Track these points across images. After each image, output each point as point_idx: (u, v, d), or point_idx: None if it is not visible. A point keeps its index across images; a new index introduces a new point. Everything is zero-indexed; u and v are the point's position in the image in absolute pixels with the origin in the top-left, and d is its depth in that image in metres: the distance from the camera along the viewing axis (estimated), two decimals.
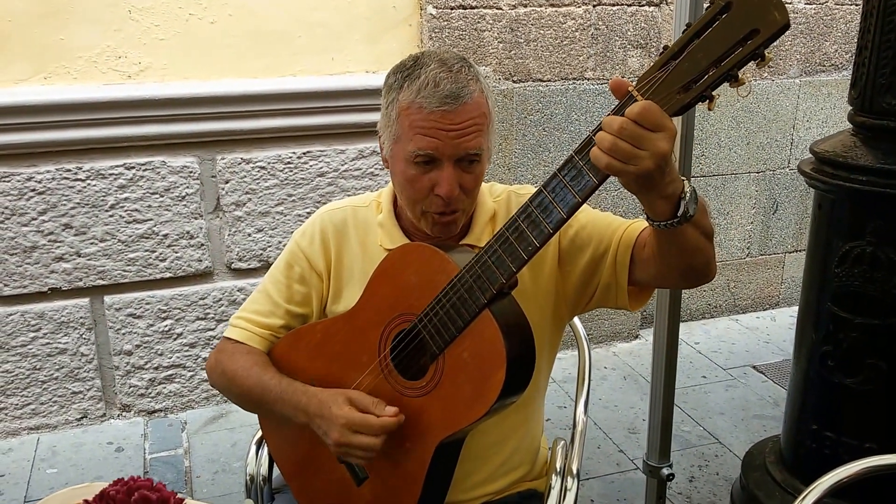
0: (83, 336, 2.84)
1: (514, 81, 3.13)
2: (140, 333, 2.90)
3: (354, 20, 2.88)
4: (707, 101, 0.97)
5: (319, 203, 2.94)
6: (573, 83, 3.21)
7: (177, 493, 1.03)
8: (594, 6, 3.14)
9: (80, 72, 2.65)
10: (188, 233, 2.86)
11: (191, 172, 2.80)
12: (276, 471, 1.54)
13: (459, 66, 1.24)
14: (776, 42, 0.92)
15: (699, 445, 2.82)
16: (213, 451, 2.78)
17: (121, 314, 2.86)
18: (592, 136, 1.00)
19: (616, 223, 1.34)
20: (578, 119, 3.25)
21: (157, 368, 2.95)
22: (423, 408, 1.23)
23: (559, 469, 1.47)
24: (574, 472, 1.46)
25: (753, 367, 3.41)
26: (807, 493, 1.27)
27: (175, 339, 2.95)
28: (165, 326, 2.92)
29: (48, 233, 2.70)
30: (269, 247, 2.97)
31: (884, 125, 1.95)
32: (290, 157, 2.90)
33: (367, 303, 1.32)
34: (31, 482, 2.60)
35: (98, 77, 2.67)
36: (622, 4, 3.17)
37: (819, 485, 1.28)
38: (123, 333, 2.88)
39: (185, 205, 2.83)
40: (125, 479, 1.01)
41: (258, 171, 2.88)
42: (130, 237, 2.79)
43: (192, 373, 3.00)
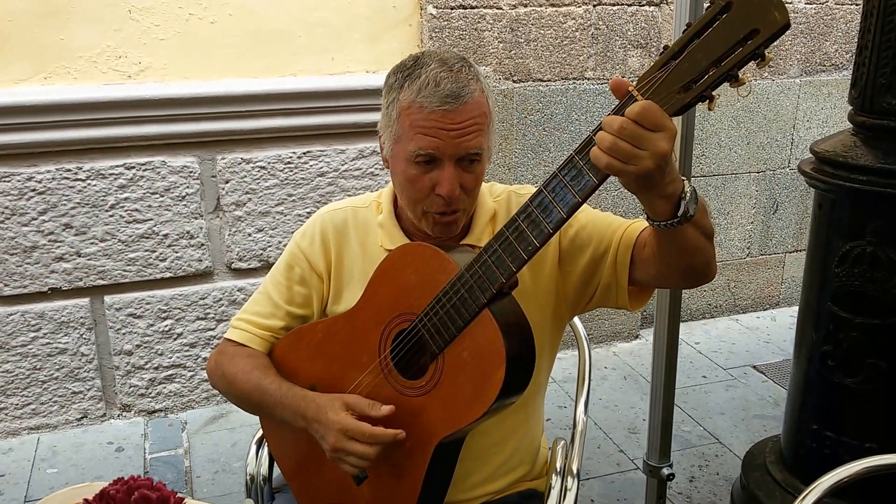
0: (83, 336, 2.84)
1: (515, 81, 3.13)
2: (140, 333, 2.90)
3: (354, 20, 2.88)
4: (707, 101, 0.97)
5: (320, 203, 2.94)
6: (573, 83, 3.21)
7: (177, 493, 1.03)
8: (594, 6, 3.14)
9: (81, 72, 2.65)
10: (188, 233, 2.86)
11: (191, 172, 2.80)
12: (277, 470, 1.54)
13: (460, 66, 1.24)
14: (776, 42, 0.92)
15: (699, 445, 2.82)
16: (214, 451, 2.78)
17: (121, 314, 2.86)
18: (592, 136, 1.00)
19: (616, 223, 1.34)
20: (578, 119, 3.25)
21: (158, 368, 2.95)
22: (423, 407, 1.23)
23: (559, 469, 1.47)
24: (574, 472, 1.46)
25: (754, 367, 3.41)
26: (807, 493, 1.27)
27: (175, 339, 2.95)
28: (166, 326, 2.92)
29: (48, 233, 2.71)
30: (270, 247, 2.97)
31: (884, 125, 1.95)
32: (291, 157, 2.91)
33: (368, 302, 1.32)
34: (32, 482, 2.60)
35: (98, 77, 2.67)
36: (622, 4, 3.17)
37: (819, 484, 1.28)
38: (124, 333, 2.88)
39: (186, 205, 2.83)
40: (125, 479, 1.01)
41: (258, 171, 2.88)
42: (130, 237, 2.79)
43: (193, 373, 3.00)
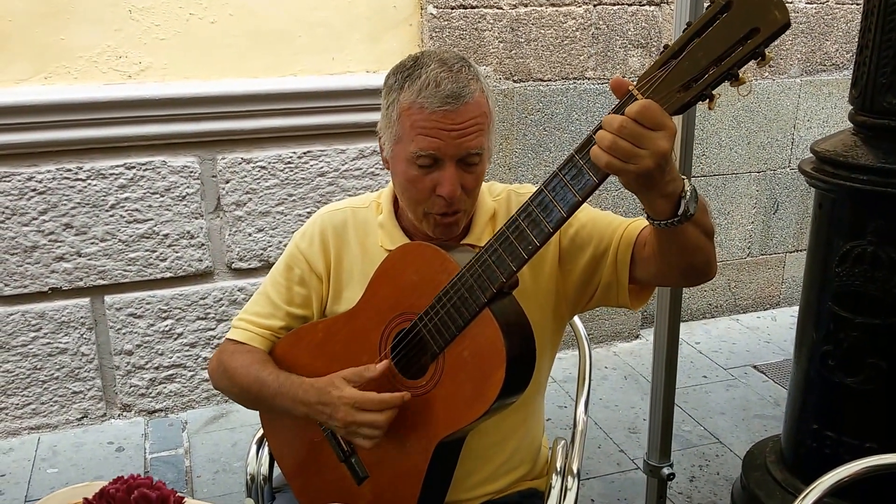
0: (84, 336, 2.84)
1: (515, 81, 3.13)
2: (140, 333, 2.90)
3: (355, 20, 2.88)
4: (707, 100, 0.97)
5: (320, 203, 2.94)
6: (574, 83, 3.21)
7: (177, 492, 1.02)
8: (595, 6, 3.14)
9: (81, 72, 2.65)
10: (189, 232, 2.86)
11: (191, 172, 2.80)
12: (277, 470, 1.55)
13: (460, 66, 1.24)
14: (777, 41, 0.92)
15: (700, 445, 2.82)
16: (214, 451, 2.78)
17: (121, 314, 2.86)
18: (593, 135, 1.00)
19: (616, 222, 1.34)
20: (579, 119, 3.25)
21: (158, 368, 2.95)
22: (424, 407, 1.23)
23: (559, 469, 1.47)
24: (574, 472, 1.46)
25: (754, 367, 3.40)
26: (807, 493, 1.27)
27: (175, 339, 2.95)
28: (166, 326, 2.92)
29: (49, 232, 2.71)
30: (270, 247, 2.97)
31: (884, 124, 1.95)
32: (291, 157, 2.90)
33: (368, 302, 1.32)
34: (32, 482, 2.60)
35: (98, 77, 2.67)
36: (623, 4, 3.17)
37: (819, 484, 1.28)
38: (124, 333, 2.88)
39: (186, 204, 2.83)
40: (125, 478, 1.01)
41: (259, 171, 2.88)
42: (131, 237, 2.79)
43: (193, 373, 3.00)
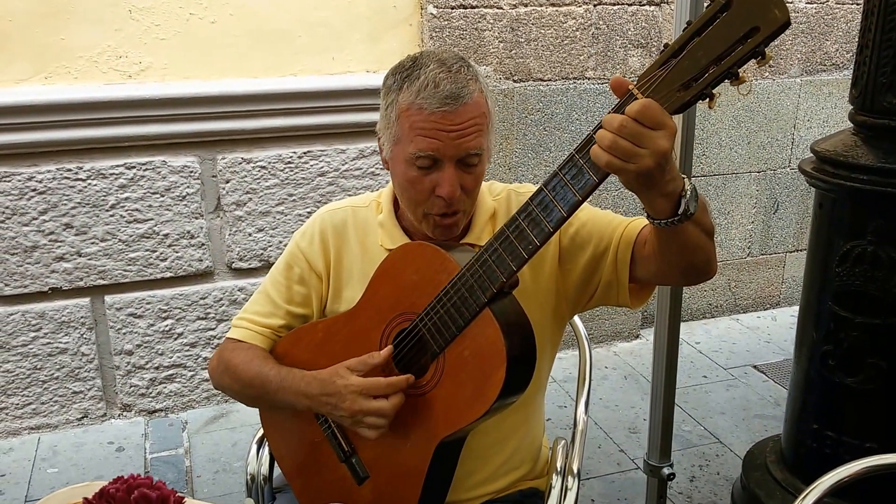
0: (84, 336, 2.84)
1: (515, 81, 3.13)
2: (141, 333, 2.90)
3: (355, 20, 2.88)
4: (707, 100, 0.97)
5: (320, 203, 2.94)
6: (574, 83, 3.21)
7: (177, 492, 1.02)
8: (595, 6, 3.14)
9: (81, 71, 2.65)
10: (189, 232, 2.86)
11: (191, 172, 2.80)
12: (277, 470, 1.54)
13: (459, 66, 1.24)
14: (777, 41, 0.92)
15: (700, 445, 2.82)
16: (214, 451, 2.78)
17: (121, 314, 2.86)
18: (593, 135, 1.00)
19: (616, 221, 1.34)
20: (579, 119, 3.25)
21: (158, 368, 2.95)
22: (424, 406, 1.23)
23: (560, 468, 1.47)
24: (575, 472, 1.46)
25: (754, 367, 3.40)
26: (807, 493, 1.27)
27: (176, 339, 2.95)
28: (166, 326, 2.92)
29: (49, 232, 2.71)
30: (270, 246, 2.97)
31: (885, 124, 1.95)
32: (291, 157, 2.90)
33: (368, 302, 1.32)
34: (32, 482, 2.60)
35: (99, 77, 2.67)
36: (623, 4, 3.17)
37: (820, 484, 1.28)
38: (124, 333, 2.88)
39: (186, 204, 2.83)
40: (125, 478, 1.01)
41: (259, 171, 2.88)
42: (131, 237, 2.79)
43: (193, 372, 3.00)
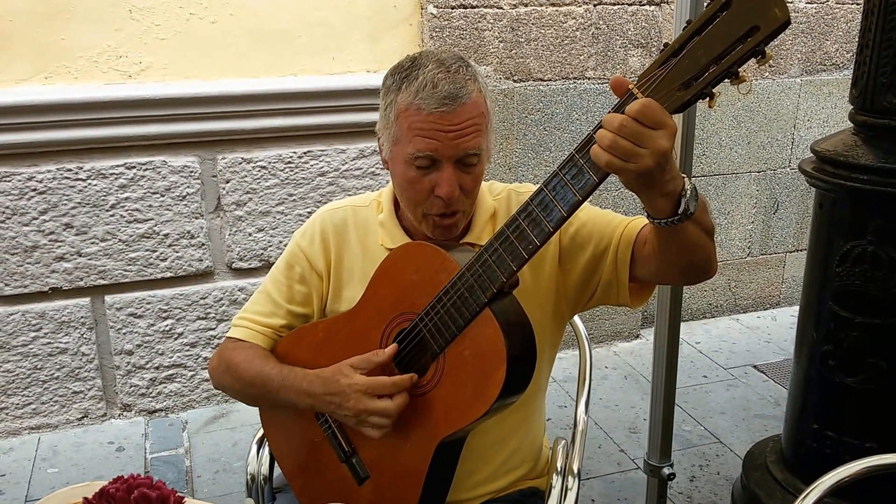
0: (84, 336, 2.84)
1: (515, 81, 3.13)
2: (141, 333, 2.90)
3: (355, 20, 2.88)
4: (708, 99, 0.97)
5: (320, 203, 2.94)
6: (574, 83, 3.21)
7: (177, 492, 1.02)
8: (595, 5, 3.14)
9: (81, 71, 2.65)
10: (189, 232, 2.86)
11: (191, 172, 2.80)
12: (278, 470, 1.54)
13: (457, 67, 1.24)
14: (777, 40, 0.92)
15: (700, 445, 2.82)
16: (214, 451, 2.78)
17: (122, 314, 2.86)
18: (593, 134, 1.00)
19: (616, 220, 1.34)
20: (579, 119, 3.25)
21: (158, 368, 2.95)
22: (424, 406, 1.23)
23: (560, 468, 1.47)
24: (575, 472, 1.46)
25: (754, 367, 3.40)
26: (808, 493, 1.27)
27: (176, 339, 2.95)
28: (166, 326, 2.92)
29: (49, 232, 2.71)
30: (270, 246, 2.97)
31: (885, 124, 1.95)
32: (291, 157, 2.90)
33: (369, 302, 1.32)
34: (32, 482, 2.60)
35: (99, 77, 2.67)
36: (623, 4, 3.17)
37: (820, 484, 1.28)
38: (124, 333, 2.88)
39: (186, 204, 2.83)
40: (125, 477, 1.01)
41: (259, 171, 2.88)
42: (131, 237, 2.79)
43: (193, 372, 3.00)
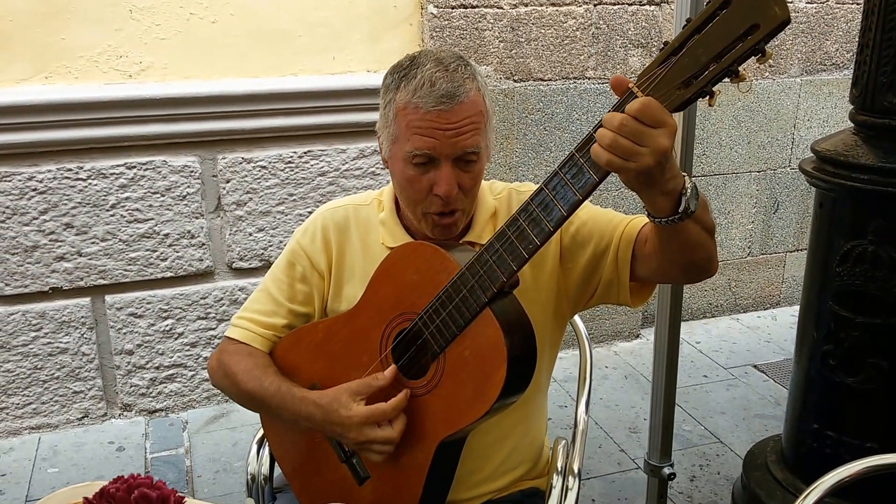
0: (84, 335, 2.84)
1: (515, 81, 3.12)
2: (141, 333, 2.90)
3: (355, 19, 2.88)
4: (708, 97, 0.97)
5: (320, 202, 2.94)
6: (574, 82, 3.21)
7: (177, 492, 1.02)
8: (595, 5, 3.14)
9: (82, 71, 2.65)
10: (189, 232, 2.86)
11: (192, 172, 2.80)
12: (278, 470, 1.54)
13: (456, 65, 1.24)
14: (777, 40, 0.92)
15: (700, 445, 2.82)
16: (215, 451, 2.78)
17: (122, 314, 2.86)
18: (593, 134, 1.00)
19: (617, 219, 1.34)
20: (579, 118, 3.25)
21: (159, 368, 2.95)
22: (425, 406, 1.23)
23: (560, 468, 1.46)
24: (575, 472, 1.46)
25: (754, 367, 3.40)
26: (808, 493, 1.27)
27: (176, 339, 2.95)
28: (166, 326, 2.92)
29: (49, 232, 2.70)
30: (271, 246, 2.97)
31: (885, 124, 1.95)
32: (291, 157, 2.90)
33: (369, 302, 1.32)
34: (33, 481, 2.60)
35: (99, 76, 2.67)
36: (623, 4, 3.17)
37: (820, 484, 1.28)
38: (124, 333, 2.88)
39: (187, 204, 2.83)
40: (125, 477, 1.01)
41: (259, 171, 2.88)
42: (131, 237, 2.79)
43: (194, 372, 3.00)
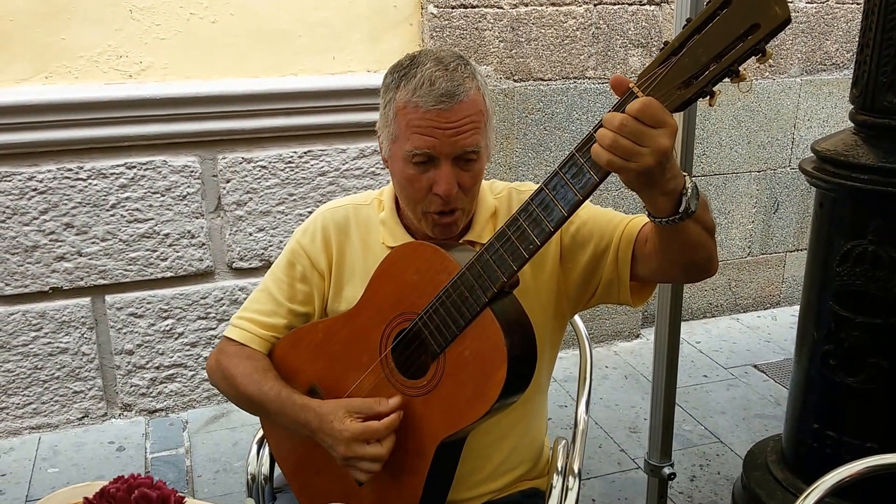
0: (84, 335, 2.84)
1: (515, 80, 3.12)
2: (141, 333, 2.90)
3: (355, 19, 2.88)
4: (708, 97, 0.97)
5: (321, 202, 2.94)
6: (574, 82, 3.21)
7: (177, 492, 1.02)
8: (595, 5, 3.14)
9: (82, 71, 2.65)
10: (189, 232, 2.86)
11: (192, 172, 2.80)
12: (278, 470, 1.54)
13: (455, 65, 1.24)
14: (777, 40, 0.92)
15: (700, 445, 2.82)
16: (215, 451, 2.78)
17: (122, 313, 2.86)
18: (593, 134, 1.00)
19: (617, 219, 1.34)
20: (579, 118, 3.25)
21: (159, 368, 2.95)
22: (425, 407, 1.23)
23: (560, 468, 1.46)
24: (575, 472, 1.46)
25: (755, 367, 3.40)
26: (808, 493, 1.27)
27: (176, 339, 2.95)
28: (167, 326, 2.92)
29: (49, 232, 2.70)
30: (271, 246, 2.97)
31: (885, 123, 1.95)
32: (292, 157, 2.90)
33: (369, 302, 1.31)
34: (33, 481, 2.60)
35: (99, 76, 2.67)
36: (623, 3, 3.17)
37: (821, 484, 1.28)
38: (125, 333, 2.88)
39: (187, 204, 2.83)
40: (125, 477, 1.01)
41: (259, 171, 2.88)
42: (131, 237, 2.79)
43: (194, 372, 3.00)
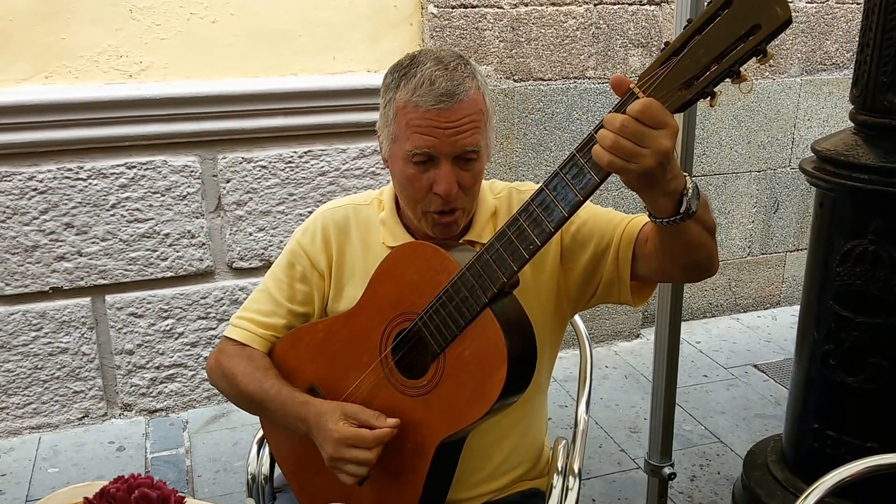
0: (84, 335, 2.84)
1: (515, 80, 3.12)
2: (141, 333, 2.90)
3: (355, 19, 2.88)
4: (709, 98, 0.97)
5: (321, 202, 2.94)
6: (574, 82, 3.21)
7: (177, 492, 1.02)
8: (595, 5, 3.14)
9: (82, 71, 2.65)
10: (189, 232, 2.86)
11: (192, 172, 2.80)
12: (278, 470, 1.54)
13: (455, 64, 1.24)
14: (777, 40, 0.92)
15: (701, 444, 2.82)
16: (215, 451, 2.78)
17: (122, 313, 2.86)
18: (594, 134, 1.00)
19: (617, 219, 1.34)
20: (580, 118, 3.25)
21: (159, 368, 2.95)
22: (425, 407, 1.23)
23: (560, 468, 1.46)
24: (575, 472, 1.46)
25: (755, 366, 3.40)
26: (809, 493, 1.27)
27: (176, 339, 2.95)
28: (167, 326, 2.92)
29: (49, 232, 2.70)
30: (271, 246, 2.97)
31: (885, 123, 1.95)
32: (292, 157, 2.90)
33: (369, 302, 1.31)
34: (33, 481, 2.60)
35: (99, 76, 2.67)
36: (623, 3, 3.17)
37: (821, 484, 1.28)
38: (125, 333, 2.88)
39: (187, 204, 2.83)
40: (126, 477, 1.01)
41: (259, 171, 2.88)
42: (132, 236, 2.79)
43: (194, 372, 3.00)
